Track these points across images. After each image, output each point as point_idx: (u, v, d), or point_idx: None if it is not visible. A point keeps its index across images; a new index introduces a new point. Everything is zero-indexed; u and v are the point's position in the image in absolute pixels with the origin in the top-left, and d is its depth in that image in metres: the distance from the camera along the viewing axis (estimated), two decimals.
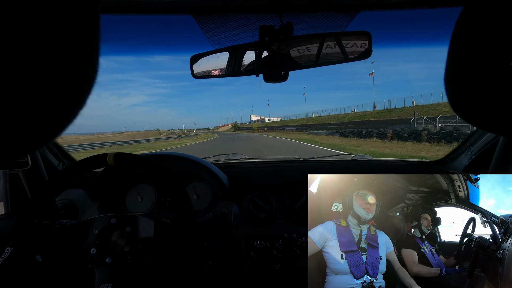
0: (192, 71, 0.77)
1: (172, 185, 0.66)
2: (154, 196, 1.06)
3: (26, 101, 0.14)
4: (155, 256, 0.65)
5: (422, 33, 0.95)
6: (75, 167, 0.67)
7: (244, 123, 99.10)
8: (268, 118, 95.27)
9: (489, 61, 0.26)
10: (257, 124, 75.75)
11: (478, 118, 0.30)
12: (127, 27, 0.84)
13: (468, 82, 0.28)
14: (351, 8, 0.69)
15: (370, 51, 0.68)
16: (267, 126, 65.22)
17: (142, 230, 0.65)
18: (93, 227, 0.65)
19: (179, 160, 1.03)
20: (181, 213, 0.65)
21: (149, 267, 0.65)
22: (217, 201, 1.01)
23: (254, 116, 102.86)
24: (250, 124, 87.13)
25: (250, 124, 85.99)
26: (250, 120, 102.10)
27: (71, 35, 0.14)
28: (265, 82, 0.77)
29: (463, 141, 1.11)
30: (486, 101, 0.28)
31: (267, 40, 0.69)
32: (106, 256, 0.62)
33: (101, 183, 1.00)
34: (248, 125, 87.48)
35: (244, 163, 1.30)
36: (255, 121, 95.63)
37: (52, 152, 1.10)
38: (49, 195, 0.67)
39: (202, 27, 0.76)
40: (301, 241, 0.92)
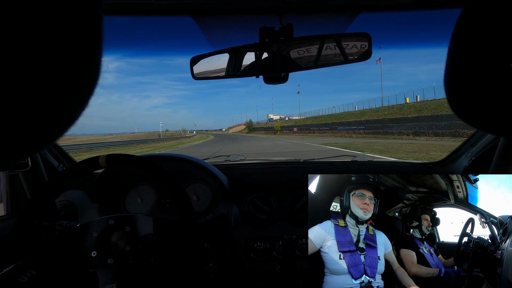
0: (192, 73, 0.77)
1: (168, 182, 0.66)
2: (154, 197, 1.06)
3: (28, 103, 0.14)
4: (157, 252, 0.65)
5: (422, 35, 0.96)
6: (74, 168, 0.67)
7: (261, 122, 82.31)
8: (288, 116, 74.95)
9: (489, 63, 0.26)
10: (279, 123, 56.23)
11: (478, 119, 0.30)
12: (127, 29, 0.84)
13: (468, 83, 0.28)
14: (351, 9, 0.70)
15: (370, 53, 0.68)
16: (297, 126, 43.60)
17: (142, 228, 0.65)
18: (92, 231, 0.64)
19: (179, 161, 1.03)
20: (181, 210, 0.65)
21: (152, 265, 0.65)
22: (217, 202, 1.01)
23: (272, 115, 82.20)
24: (269, 124, 69.39)
25: (270, 124, 68.07)
26: (268, 119, 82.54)
27: (73, 36, 0.14)
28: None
29: (463, 143, 1.11)
30: (486, 102, 0.28)
31: (267, 41, 0.69)
32: (107, 258, 0.62)
33: (101, 184, 1.00)
34: (267, 124, 70.28)
35: (244, 164, 1.30)
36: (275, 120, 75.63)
37: (52, 153, 1.10)
38: (49, 197, 0.67)
39: (202, 28, 0.76)
40: (301, 242, 0.92)
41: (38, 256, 0.61)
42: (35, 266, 0.58)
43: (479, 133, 1.02)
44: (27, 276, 0.55)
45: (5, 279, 0.53)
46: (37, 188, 0.96)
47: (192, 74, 0.77)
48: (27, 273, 0.56)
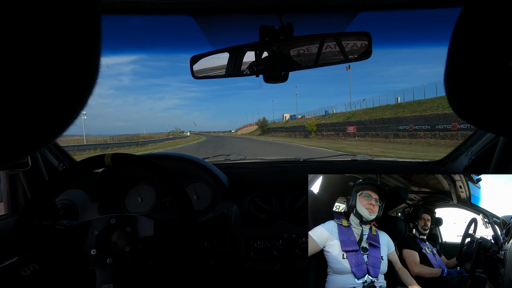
0: (192, 72, 0.77)
1: (170, 183, 0.66)
2: (154, 197, 1.06)
3: (27, 102, 0.14)
4: (156, 255, 0.65)
5: (422, 34, 0.95)
6: (74, 167, 0.67)
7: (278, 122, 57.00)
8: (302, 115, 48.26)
9: (489, 62, 0.26)
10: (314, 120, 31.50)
11: (478, 118, 0.30)
12: (127, 27, 0.84)
13: (468, 82, 0.28)
14: (351, 8, 0.69)
15: (370, 52, 0.68)
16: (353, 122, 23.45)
17: (142, 230, 0.65)
18: (93, 228, 0.65)
19: (179, 161, 1.03)
20: (181, 212, 0.65)
21: (150, 266, 0.64)
22: (217, 201, 1.00)
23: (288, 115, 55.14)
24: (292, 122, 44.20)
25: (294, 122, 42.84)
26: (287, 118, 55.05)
27: (72, 35, 0.14)
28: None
29: (463, 142, 1.11)
30: (486, 101, 0.28)
31: (267, 40, 0.69)
32: (106, 257, 0.62)
33: (101, 183, 1.00)
34: (289, 123, 45.26)
35: (244, 164, 1.30)
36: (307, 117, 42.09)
37: (52, 152, 1.10)
38: (49, 196, 0.67)
39: (202, 27, 0.76)
40: (301, 241, 0.91)
41: (41, 250, 0.61)
42: (37, 260, 0.58)
43: (479, 132, 1.02)
44: (30, 269, 0.55)
45: (8, 271, 0.53)
46: (37, 187, 0.96)
47: (192, 73, 0.77)
48: (30, 266, 0.56)
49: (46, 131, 0.16)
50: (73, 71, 0.15)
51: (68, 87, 0.15)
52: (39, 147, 0.17)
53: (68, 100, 0.16)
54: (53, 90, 0.14)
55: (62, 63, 0.14)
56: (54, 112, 0.15)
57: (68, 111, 0.16)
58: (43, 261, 0.58)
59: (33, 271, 0.55)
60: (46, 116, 0.15)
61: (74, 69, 0.15)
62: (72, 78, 0.15)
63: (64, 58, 0.14)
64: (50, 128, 0.16)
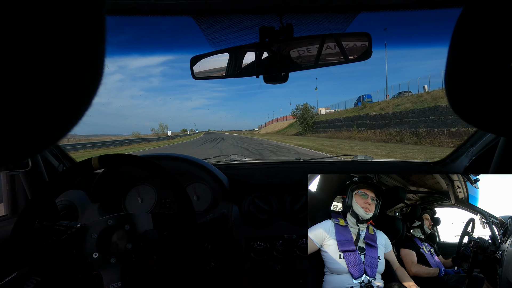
0: (192, 72, 0.77)
1: (163, 176, 0.66)
2: (155, 197, 1.06)
3: (31, 104, 0.14)
4: (159, 248, 0.66)
5: (422, 34, 0.95)
6: (74, 169, 0.68)
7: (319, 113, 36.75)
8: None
9: (489, 62, 0.26)
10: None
11: (478, 119, 0.30)
12: (128, 28, 0.84)
13: (468, 83, 0.28)
14: (351, 9, 0.69)
15: (370, 52, 0.68)
16: None
17: (141, 225, 0.65)
18: (91, 232, 0.64)
19: (179, 161, 1.03)
20: (178, 202, 0.66)
21: (155, 261, 0.65)
22: (217, 202, 1.01)
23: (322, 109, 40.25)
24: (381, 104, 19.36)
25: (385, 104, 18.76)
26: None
27: (77, 36, 0.14)
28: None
29: (463, 142, 1.11)
30: (486, 101, 0.28)
31: (267, 41, 0.69)
32: (109, 258, 0.62)
33: (101, 184, 1.00)
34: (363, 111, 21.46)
35: (244, 164, 1.30)
36: None
37: (52, 153, 1.10)
38: (50, 197, 0.67)
39: (202, 28, 0.76)
40: (301, 242, 0.92)
41: (41, 262, 0.60)
42: (39, 272, 0.57)
43: (479, 132, 1.02)
44: (33, 283, 0.54)
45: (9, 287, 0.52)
46: (37, 188, 0.96)
47: (192, 74, 0.77)
48: (32, 279, 0.55)
49: (50, 133, 0.16)
50: (78, 72, 0.15)
51: (72, 89, 0.15)
52: (43, 148, 0.17)
53: (72, 101, 0.16)
54: (57, 91, 0.14)
55: (68, 65, 0.14)
56: (58, 114, 0.15)
57: (72, 112, 0.16)
58: (44, 273, 0.57)
59: (36, 284, 0.54)
60: (50, 117, 0.15)
61: (78, 71, 0.15)
62: (77, 78, 0.15)
63: (68, 59, 0.14)
64: (55, 129, 0.16)
